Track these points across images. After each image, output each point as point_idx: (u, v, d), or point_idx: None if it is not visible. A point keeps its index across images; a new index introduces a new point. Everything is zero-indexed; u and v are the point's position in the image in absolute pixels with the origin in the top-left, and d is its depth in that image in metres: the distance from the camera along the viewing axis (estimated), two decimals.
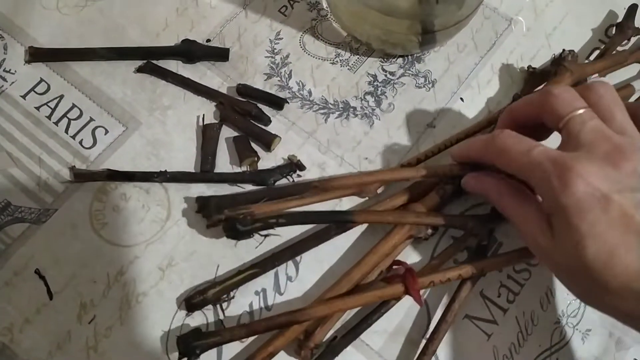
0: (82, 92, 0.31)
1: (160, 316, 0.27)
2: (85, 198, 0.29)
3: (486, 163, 0.26)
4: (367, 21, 0.30)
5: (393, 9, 0.29)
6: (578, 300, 0.29)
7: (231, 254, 0.28)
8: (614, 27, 0.34)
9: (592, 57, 0.34)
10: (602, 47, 0.34)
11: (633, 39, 0.34)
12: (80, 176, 0.29)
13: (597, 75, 0.32)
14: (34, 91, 0.31)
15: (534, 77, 0.32)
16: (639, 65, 0.33)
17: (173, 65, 0.32)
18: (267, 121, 0.31)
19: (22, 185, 0.29)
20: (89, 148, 0.30)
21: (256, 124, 0.31)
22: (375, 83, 0.32)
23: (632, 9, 0.34)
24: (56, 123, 0.30)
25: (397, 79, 0.33)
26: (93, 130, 0.30)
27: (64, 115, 0.30)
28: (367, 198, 0.30)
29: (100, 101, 0.31)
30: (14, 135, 0.30)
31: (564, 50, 0.32)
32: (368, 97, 0.32)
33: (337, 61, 0.33)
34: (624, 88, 0.32)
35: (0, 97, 0.30)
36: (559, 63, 0.30)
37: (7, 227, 0.28)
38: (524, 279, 0.29)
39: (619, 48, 0.33)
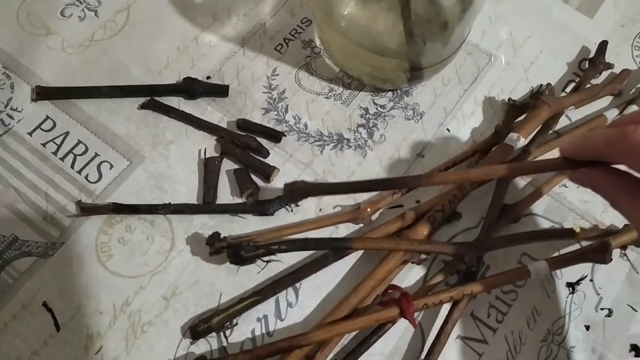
0: (88, 129, 0.32)
1: (166, 345, 0.28)
2: (91, 231, 0.30)
3: (609, 161, 0.23)
4: (358, 59, 0.32)
5: (382, 48, 0.31)
6: (563, 319, 0.30)
7: (233, 282, 0.30)
8: (587, 62, 0.37)
9: (567, 89, 0.36)
10: (576, 80, 0.36)
11: (604, 73, 0.36)
12: (86, 210, 0.30)
13: (573, 107, 0.34)
14: (40, 128, 0.32)
15: (514, 109, 0.34)
16: (611, 97, 0.36)
17: (175, 102, 0.33)
18: (266, 154, 0.32)
19: (29, 220, 0.30)
20: (95, 182, 0.31)
21: (255, 156, 0.32)
22: (367, 116, 0.34)
23: (602, 45, 0.36)
24: (62, 159, 0.31)
25: (388, 111, 0.35)
26: (98, 165, 0.31)
27: (70, 151, 0.31)
28: (362, 225, 0.32)
29: (105, 137, 0.32)
30: (21, 171, 0.31)
31: (541, 85, 0.34)
32: (361, 129, 0.34)
33: (330, 95, 0.35)
34: (597, 118, 0.34)
35: (8, 135, 0.31)
36: (537, 97, 0.32)
37: (15, 262, 0.29)
38: (511, 299, 0.31)
39: (593, 81, 0.36)
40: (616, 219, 0.33)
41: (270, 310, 0.29)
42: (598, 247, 0.28)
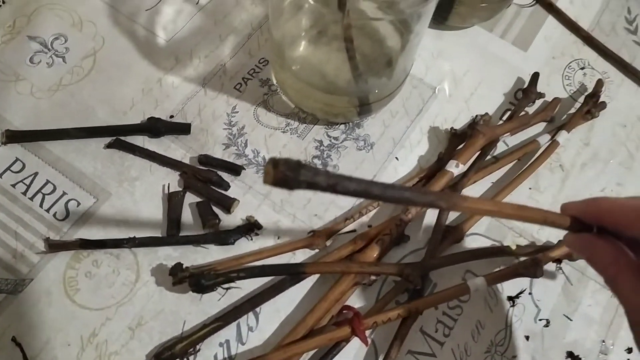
0: (55, 169, 0.34)
1: None
2: (60, 267, 0.31)
3: (617, 231, 0.20)
4: (311, 97, 0.35)
5: (333, 87, 0.34)
6: (504, 331, 0.33)
7: (196, 309, 0.31)
8: (521, 92, 0.40)
9: (504, 117, 0.40)
10: (512, 109, 0.40)
11: (538, 102, 0.40)
12: (55, 247, 0.31)
13: (508, 134, 0.37)
14: (10, 170, 0.33)
15: (456, 138, 0.37)
16: (544, 123, 0.40)
17: (140, 140, 0.35)
18: (227, 186, 0.35)
19: None
20: (63, 220, 0.33)
21: (216, 189, 0.34)
22: (321, 148, 0.37)
23: (534, 77, 0.40)
24: (31, 198, 0.33)
25: (341, 143, 0.37)
26: (66, 203, 0.33)
27: (39, 190, 0.33)
28: (317, 250, 0.34)
29: (72, 176, 0.34)
30: None
31: (477, 115, 0.37)
32: (316, 161, 0.37)
33: (287, 130, 0.37)
34: (531, 143, 0.38)
35: None
36: (473, 127, 0.36)
37: None
38: (457, 314, 0.33)
39: (527, 108, 0.39)
40: (551, 236, 0.36)
41: (232, 335, 0.31)
42: (530, 262, 0.31)
